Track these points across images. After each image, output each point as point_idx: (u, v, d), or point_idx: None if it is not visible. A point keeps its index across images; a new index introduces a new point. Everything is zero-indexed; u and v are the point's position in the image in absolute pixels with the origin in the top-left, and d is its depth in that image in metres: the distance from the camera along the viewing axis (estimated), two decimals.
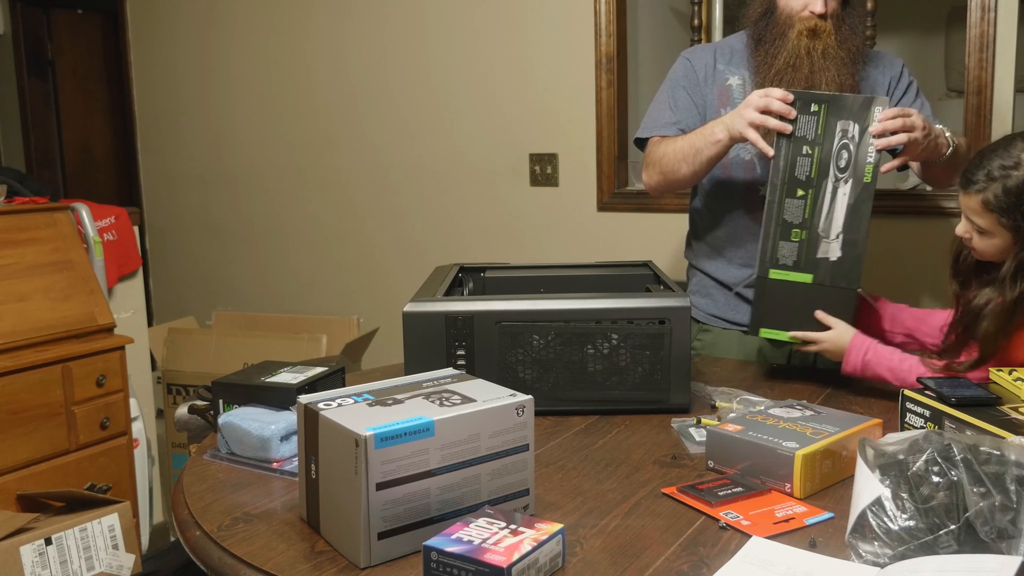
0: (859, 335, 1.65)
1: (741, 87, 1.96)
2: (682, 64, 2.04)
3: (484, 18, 3.28)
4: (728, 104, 1.95)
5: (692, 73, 2.00)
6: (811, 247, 1.70)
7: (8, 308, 2.30)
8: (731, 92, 1.97)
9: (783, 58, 1.86)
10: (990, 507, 0.96)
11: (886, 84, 1.98)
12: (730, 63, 1.99)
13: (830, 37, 1.84)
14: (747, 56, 1.97)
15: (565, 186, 3.21)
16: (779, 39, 1.87)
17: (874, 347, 1.64)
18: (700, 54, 2.03)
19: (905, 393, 1.42)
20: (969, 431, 1.26)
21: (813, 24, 1.83)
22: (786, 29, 1.86)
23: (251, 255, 3.97)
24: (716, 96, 1.97)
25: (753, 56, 1.93)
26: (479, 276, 1.99)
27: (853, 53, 1.87)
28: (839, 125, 1.68)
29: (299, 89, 3.73)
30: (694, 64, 2.01)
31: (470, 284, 1.96)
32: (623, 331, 1.57)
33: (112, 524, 2.23)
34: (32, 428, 2.28)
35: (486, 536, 0.98)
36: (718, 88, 1.98)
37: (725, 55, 2.01)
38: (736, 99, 1.94)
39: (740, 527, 1.13)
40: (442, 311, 1.57)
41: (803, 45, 1.84)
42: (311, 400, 1.12)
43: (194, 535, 1.18)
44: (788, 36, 1.86)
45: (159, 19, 4.05)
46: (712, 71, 1.99)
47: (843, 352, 1.65)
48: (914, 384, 1.46)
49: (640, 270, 1.98)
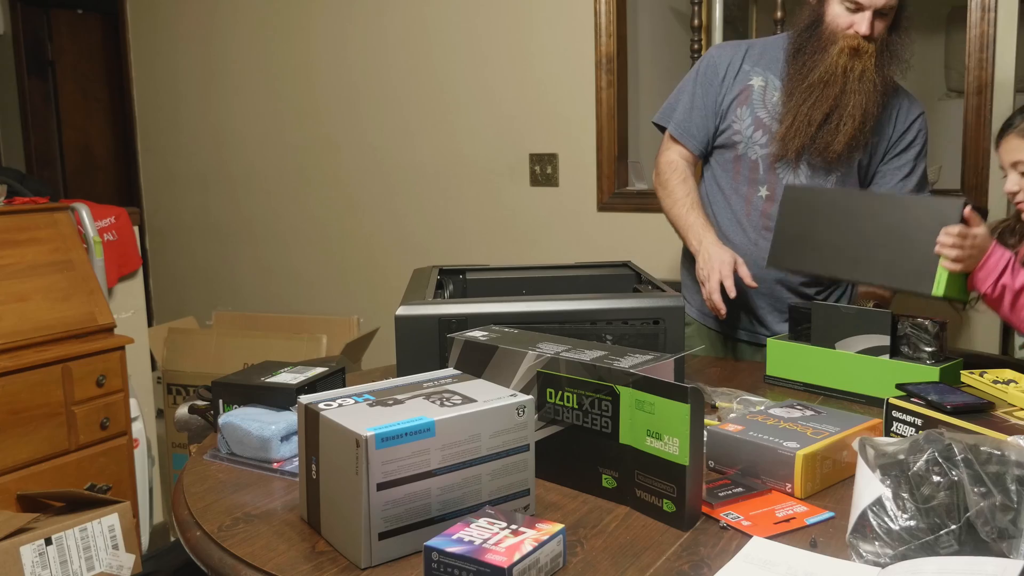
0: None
1: (763, 89, 1.96)
2: (707, 59, 2.05)
3: (484, 18, 3.28)
4: (745, 104, 1.96)
5: (713, 71, 2.01)
6: None
7: (8, 308, 2.30)
8: (751, 93, 1.97)
9: (818, 73, 1.86)
10: (991, 507, 0.96)
11: (896, 127, 1.97)
12: (757, 63, 1.98)
13: (871, 60, 1.84)
14: (781, 60, 1.96)
15: (565, 186, 3.21)
16: (819, 52, 1.87)
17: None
18: (728, 51, 2.03)
19: (891, 401, 1.41)
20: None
21: (856, 44, 1.83)
22: (828, 44, 1.86)
23: (251, 255, 3.97)
24: (736, 95, 1.98)
25: (790, 64, 1.93)
26: (459, 278, 1.98)
27: (886, 82, 1.87)
28: None
29: (299, 89, 3.73)
30: (718, 61, 2.01)
31: (450, 287, 1.95)
32: (617, 332, 1.57)
33: (112, 524, 2.23)
34: (32, 428, 2.28)
35: (487, 536, 0.98)
36: (739, 87, 1.98)
37: (755, 55, 2.00)
38: (755, 101, 1.96)
39: (741, 527, 1.13)
40: (435, 314, 1.56)
41: (842, 63, 1.84)
42: (311, 400, 1.12)
43: (194, 535, 1.17)
44: (829, 51, 1.85)
45: (159, 19, 4.05)
46: (737, 70, 1.99)
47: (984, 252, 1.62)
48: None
49: (621, 270, 1.99)
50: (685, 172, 2.02)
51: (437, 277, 1.90)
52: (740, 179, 2.00)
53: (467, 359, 1.37)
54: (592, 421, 1.21)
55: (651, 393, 1.13)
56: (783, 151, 1.92)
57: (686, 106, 2.03)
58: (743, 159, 1.98)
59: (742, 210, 2.00)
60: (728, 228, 2.03)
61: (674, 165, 2.04)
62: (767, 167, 1.96)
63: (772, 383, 1.79)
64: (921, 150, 2.00)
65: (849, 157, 1.93)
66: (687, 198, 1.99)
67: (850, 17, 1.83)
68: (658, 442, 1.13)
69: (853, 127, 1.87)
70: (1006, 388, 1.43)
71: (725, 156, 2.02)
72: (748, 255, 1.94)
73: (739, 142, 1.98)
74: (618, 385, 1.18)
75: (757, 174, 1.97)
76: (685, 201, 1.99)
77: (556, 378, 1.25)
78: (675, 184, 2.02)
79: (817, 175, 1.95)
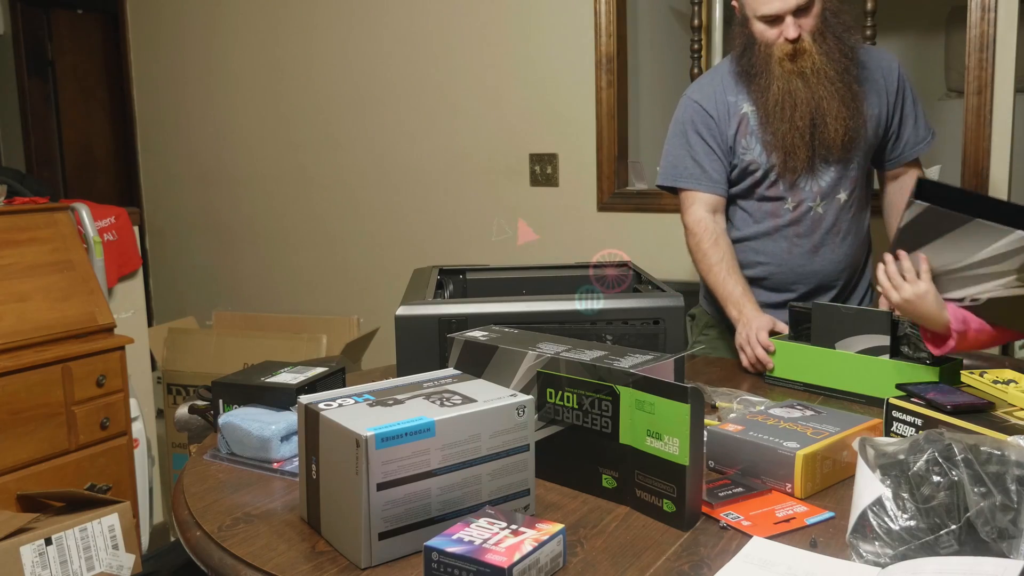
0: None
1: (755, 113, 1.96)
2: (691, 108, 2.01)
3: (485, 18, 3.28)
4: (747, 134, 1.96)
5: (705, 115, 1.99)
6: None
7: (8, 308, 2.30)
8: (748, 120, 1.97)
9: (776, 87, 1.88)
10: (991, 507, 0.96)
11: (887, 88, 1.99)
12: (738, 93, 1.98)
13: (812, 56, 1.85)
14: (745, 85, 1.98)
15: (565, 186, 3.21)
16: (764, 70, 1.89)
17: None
18: (707, 91, 2.01)
19: (891, 401, 1.41)
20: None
21: (790, 49, 1.86)
22: (767, 59, 1.88)
23: (251, 255, 3.97)
24: (735, 127, 1.97)
25: (749, 90, 1.95)
26: (459, 278, 1.98)
27: (843, 63, 1.88)
28: None
29: (298, 89, 3.73)
30: (705, 106, 1.99)
31: (450, 287, 1.95)
32: (618, 331, 1.57)
33: (112, 524, 2.23)
34: (32, 428, 2.28)
35: (487, 536, 0.98)
36: (736, 120, 1.98)
37: (730, 85, 1.99)
38: (752, 127, 1.96)
39: (741, 527, 1.13)
40: (435, 314, 1.56)
41: (787, 69, 1.86)
42: (311, 400, 1.12)
43: (194, 535, 1.17)
44: (770, 66, 1.88)
45: (159, 19, 4.05)
46: (725, 105, 1.98)
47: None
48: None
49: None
50: (715, 232, 1.99)
51: (437, 277, 1.90)
52: (760, 198, 2.01)
53: (467, 359, 1.37)
54: (592, 421, 1.21)
55: (651, 393, 1.13)
56: (794, 168, 1.93)
57: (692, 159, 2.01)
58: (762, 182, 1.99)
59: (771, 224, 2.01)
60: (760, 241, 2.03)
61: (703, 225, 2.00)
62: (788, 184, 1.97)
63: (772, 383, 1.79)
64: (910, 92, 2.02)
65: (857, 142, 1.94)
66: (722, 264, 1.97)
67: (773, 29, 1.86)
68: (658, 442, 1.13)
69: (841, 119, 1.88)
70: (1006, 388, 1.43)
71: (744, 183, 2.01)
72: (784, 263, 2.01)
73: (755, 170, 1.97)
74: (618, 385, 1.18)
75: (778, 190, 1.98)
76: (721, 267, 1.96)
77: (556, 378, 1.25)
78: (707, 248, 1.98)
79: (840, 169, 1.96)
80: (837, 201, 1.98)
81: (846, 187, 1.97)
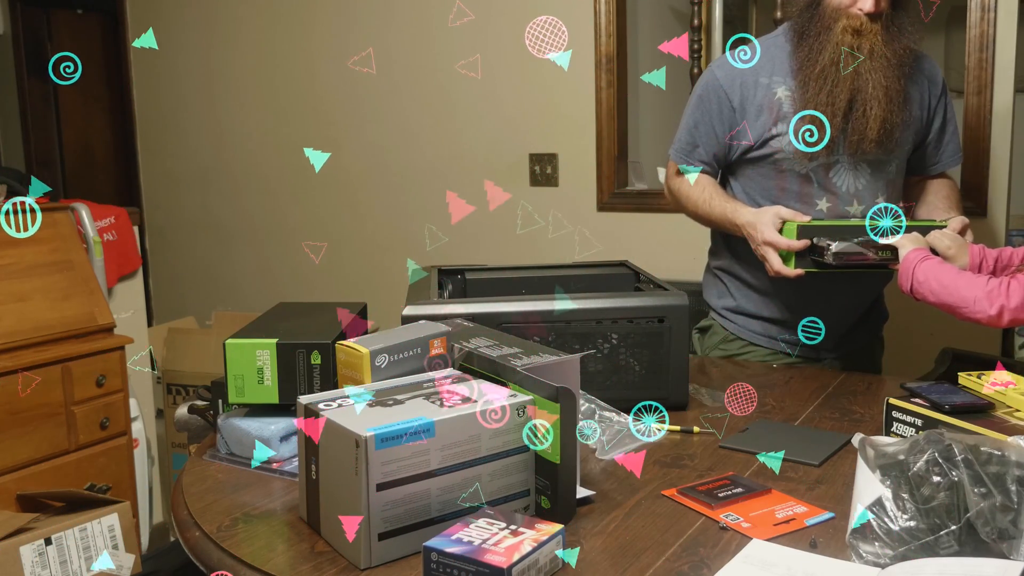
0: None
1: (790, 98, 1.83)
2: (711, 84, 1.90)
3: (485, 18, 3.27)
4: (782, 120, 1.83)
5: (717, 99, 1.88)
6: None
7: (8, 308, 2.30)
8: (781, 106, 1.83)
9: (827, 54, 1.76)
10: (991, 507, 0.96)
11: (929, 93, 1.91)
12: (774, 72, 1.85)
13: (876, 36, 1.76)
14: (788, 59, 1.85)
15: (565, 186, 3.21)
16: (823, 33, 1.77)
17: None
18: (734, 70, 1.87)
19: (891, 402, 1.41)
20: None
21: (859, 24, 1.75)
22: (831, 23, 1.77)
23: (251, 255, 3.97)
24: (765, 113, 1.84)
25: (795, 52, 1.82)
26: (457, 278, 1.98)
27: (900, 55, 1.78)
28: None
29: (298, 89, 3.73)
30: (725, 86, 1.87)
31: (449, 286, 1.95)
32: (623, 331, 1.57)
33: (112, 524, 2.23)
34: (32, 428, 2.28)
35: (486, 537, 0.98)
36: (766, 105, 1.84)
37: (767, 64, 1.86)
38: (787, 113, 1.82)
39: (740, 529, 1.12)
40: (442, 313, 1.57)
41: (847, 41, 1.76)
42: (311, 400, 1.12)
43: (194, 535, 1.17)
44: (833, 30, 1.76)
45: (159, 19, 4.05)
46: (753, 88, 1.85)
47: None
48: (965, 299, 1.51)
49: (619, 269, 1.98)
50: (692, 183, 1.92)
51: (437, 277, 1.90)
52: (787, 195, 1.87)
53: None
54: None
55: (530, 391, 1.13)
56: (814, 145, 1.79)
57: (688, 129, 1.93)
58: (788, 174, 1.86)
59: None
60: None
61: (678, 183, 1.95)
62: (822, 178, 1.84)
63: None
64: (951, 107, 1.95)
65: (894, 140, 1.83)
66: (704, 193, 1.89)
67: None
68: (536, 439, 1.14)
69: (881, 109, 1.77)
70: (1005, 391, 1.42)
71: (761, 172, 1.89)
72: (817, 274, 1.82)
73: (782, 159, 1.84)
74: (511, 383, 1.18)
75: (811, 187, 1.85)
76: (702, 195, 1.89)
77: (471, 372, 1.26)
78: (687, 190, 1.92)
79: (876, 170, 1.85)
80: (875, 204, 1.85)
81: (883, 190, 1.87)
